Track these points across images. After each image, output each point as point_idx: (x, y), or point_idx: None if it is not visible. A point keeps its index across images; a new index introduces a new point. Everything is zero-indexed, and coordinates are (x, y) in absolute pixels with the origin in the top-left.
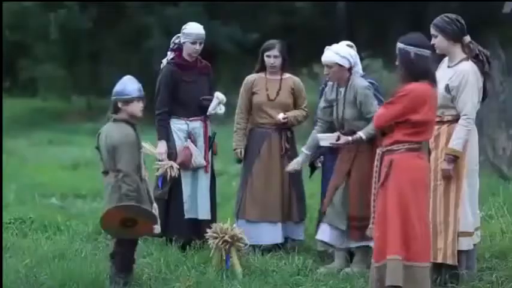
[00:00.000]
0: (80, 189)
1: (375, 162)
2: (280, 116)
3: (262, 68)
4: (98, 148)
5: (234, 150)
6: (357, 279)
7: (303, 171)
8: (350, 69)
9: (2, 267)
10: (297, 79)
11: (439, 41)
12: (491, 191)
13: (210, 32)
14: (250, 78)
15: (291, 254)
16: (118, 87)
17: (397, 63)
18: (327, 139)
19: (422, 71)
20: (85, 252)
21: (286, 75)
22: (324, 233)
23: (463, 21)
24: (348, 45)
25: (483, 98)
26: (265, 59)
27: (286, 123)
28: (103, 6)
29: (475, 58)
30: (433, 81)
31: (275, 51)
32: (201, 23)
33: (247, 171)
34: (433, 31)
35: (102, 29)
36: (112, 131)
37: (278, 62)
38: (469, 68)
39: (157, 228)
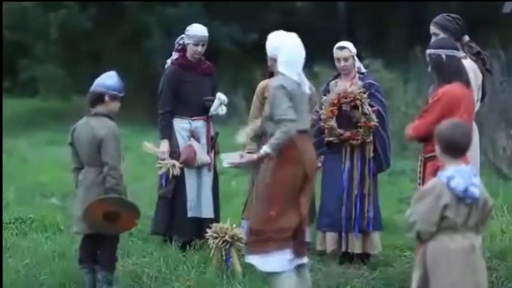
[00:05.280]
0: None
1: (418, 168)
2: None
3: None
4: (71, 144)
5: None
6: (357, 279)
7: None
8: None
9: (2, 267)
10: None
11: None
12: (491, 191)
13: (210, 32)
14: (261, 84)
15: None
16: (109, 80)
17: (429, 70)
18: (226, 158)
19: (454, 72)
20: None
21: None
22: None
23: (462, 21)
24: None
25: (482, 97)
26: None
27: None
28: (103, 6)
29: (476, 55)
30: (466, 82)
31: None
32: (201, 23)
33: (255, 172)
34: (434, 29)
35: (102, 29)
36: (97, 124)
37: None
38: (467, 66)
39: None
